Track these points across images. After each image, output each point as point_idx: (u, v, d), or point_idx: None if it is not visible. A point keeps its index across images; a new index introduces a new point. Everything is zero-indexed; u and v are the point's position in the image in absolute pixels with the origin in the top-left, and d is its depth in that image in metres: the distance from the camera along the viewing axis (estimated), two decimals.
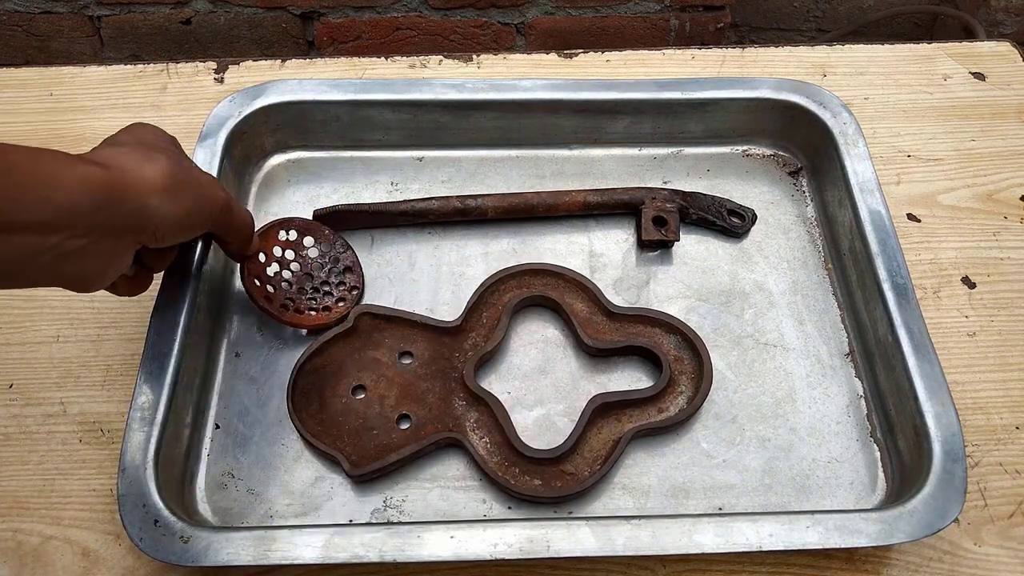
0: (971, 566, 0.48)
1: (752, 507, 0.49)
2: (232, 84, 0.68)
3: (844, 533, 0.43)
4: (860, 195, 0.56)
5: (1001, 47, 0.72)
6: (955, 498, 0.45)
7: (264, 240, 0.54)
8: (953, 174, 0.64)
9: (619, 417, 0.51)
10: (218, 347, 0.54)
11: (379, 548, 0.43)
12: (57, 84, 0.68)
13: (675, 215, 0.58)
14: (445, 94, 0.61)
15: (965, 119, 0.67)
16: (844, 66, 0.70)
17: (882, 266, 0.53)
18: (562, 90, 0.61)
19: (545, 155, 0.64)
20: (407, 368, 0.52)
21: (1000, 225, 0.61)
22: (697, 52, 0.71)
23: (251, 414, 0.52)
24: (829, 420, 0.52)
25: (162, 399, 0.47)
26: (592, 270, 0.58)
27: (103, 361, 0.54)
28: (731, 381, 0.53)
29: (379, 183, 0.62)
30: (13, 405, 0.52)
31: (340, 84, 0.61)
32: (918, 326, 0.50)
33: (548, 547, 0.43)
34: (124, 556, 0.47)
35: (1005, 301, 0.57)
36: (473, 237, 0.59)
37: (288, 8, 1.17)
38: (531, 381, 0.53)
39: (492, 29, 1.20)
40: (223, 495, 0.49)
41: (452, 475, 0.50)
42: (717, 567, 0.47)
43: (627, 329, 0.54)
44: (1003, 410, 0.53)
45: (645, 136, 0.63)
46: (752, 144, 0.64)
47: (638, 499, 0.49)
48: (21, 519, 0.48)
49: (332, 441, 0.50)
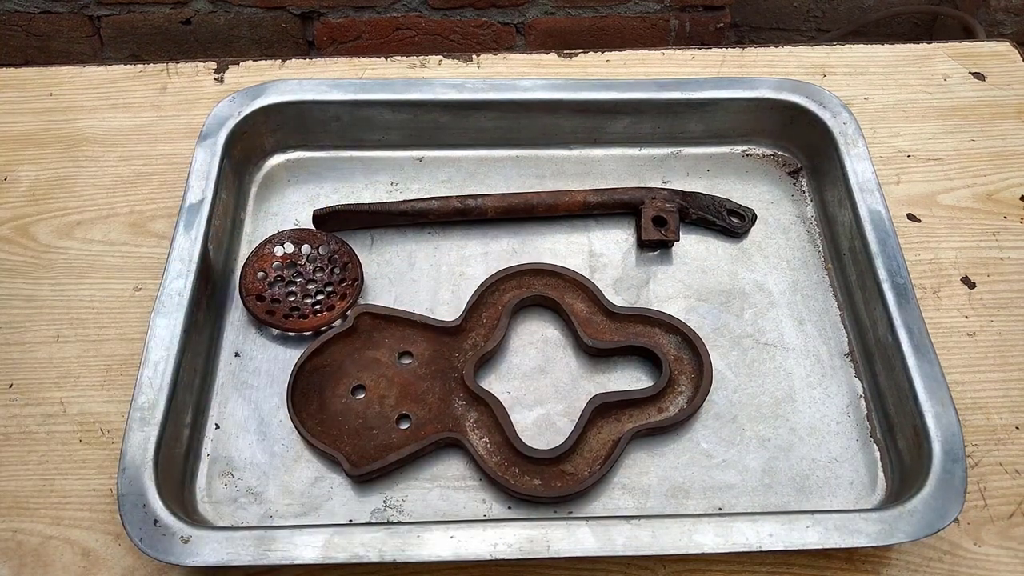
0: (971, 566, 0.48)
1: (752, 507, 0.49)
2: (232, 84, 0.68)
3: (844, 533, 0.43)
4: (860, 195, 0.56)
5: (1001, 47, 0.72)
6: (955, 498, 0.45)
7: (259, 260, 0.55)
8: (953, 174, 0.64)
9: (619, 417, 0.51)
10: (218, 347, 0.54)
11: (379, 548, 0.43)
12: (57, 84, 0.68)
13: (675, 215, 0.58)
14: (445, 94, 0.61)
15: (965, 119, 0.67)
16: (844, 66, 0.70)
17: (882, 266, 0.53)
18: (562, 90, 0.61)
19: (545, 155, 0.64)
20: (407, 368, 0.52)
21: (1000, 225, 0.61)
22: (697, 52, 0.71)
23: (251, 414, 0.52)
24: (829, 420, 0.52)
25: (162, 399, 0.47)
26: (592, 270, 0.58)
27: (103, 361, 0.54)
28: (731, 381, 0.53)
29: (379, 183, 0.62)
30: (13, 405, 0.52)
31: (340, 84, 0.61)
32: (918, 326, 0.50)
33: (548, 547, 0.43)
34: (124, 556, 0.47)
35: (1005, 301, 0.57)
36: (473, 237, 0.59)
37: (288, 8, 1.17)
38: (531, 381, 0.53)
39: (492, 29, 1.19)
40: (223, 495, 0.49)
41: (452, 475, 0.50)
42: (717, 567, 0.47)
43: (627, 329, 0.54)
44: (1003, 410, 0.53)
45: (645, 136, 0.63)
46: (752, 144, 0.64)
47: (638, 499, 0.49)
48: (21, 519, 0.48)
49: (332, 441, 0.50)
